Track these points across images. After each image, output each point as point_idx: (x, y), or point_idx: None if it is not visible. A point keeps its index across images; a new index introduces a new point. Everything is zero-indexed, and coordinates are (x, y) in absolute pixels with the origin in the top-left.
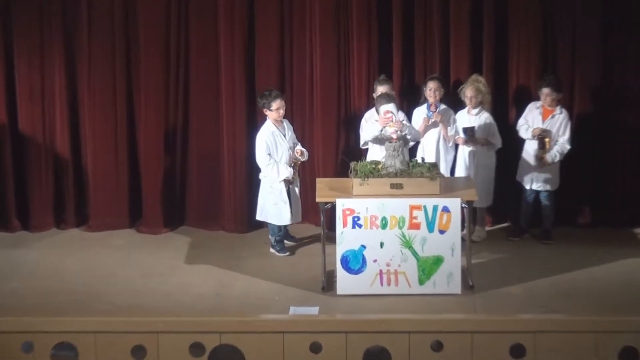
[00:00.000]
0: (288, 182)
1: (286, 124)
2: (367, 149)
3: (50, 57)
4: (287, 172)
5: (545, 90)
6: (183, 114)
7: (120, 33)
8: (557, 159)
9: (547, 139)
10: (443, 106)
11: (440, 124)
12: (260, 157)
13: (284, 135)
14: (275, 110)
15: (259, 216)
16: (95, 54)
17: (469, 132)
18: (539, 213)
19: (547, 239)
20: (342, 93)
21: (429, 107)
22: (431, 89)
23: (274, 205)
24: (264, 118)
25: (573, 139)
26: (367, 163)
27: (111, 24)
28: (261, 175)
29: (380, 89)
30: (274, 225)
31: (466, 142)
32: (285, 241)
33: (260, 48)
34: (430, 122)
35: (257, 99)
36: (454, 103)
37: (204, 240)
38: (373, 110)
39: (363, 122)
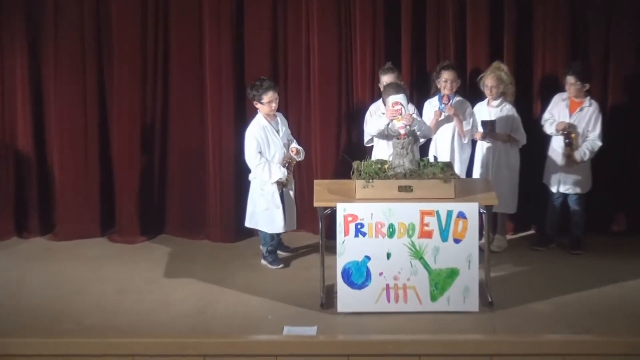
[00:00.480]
0: (281, 185)
1: (280, 118)
2: (372, 146)
3: (11, 42)
4: (281, 172)
5: (570, 79)
6: (162, 107)
7: (91, 17)
8: (587, 157)
9: (573, 135)
10: (458, 98)
11: (455, 118)
12: (250, 156)
13: (277, 131)
14: (267, 103)
15: (249, 223)
16: (63, 42)
17: (489, 126)
18: (567, 219)
19: (577, 248)
20: (344, 83)
21: (440, 99)
22: (447, 80)
23: (265, 211)
24: (254, 112)
25: (605, 135)
26: (371, 162)
27: (80, 8)
28: (251, 177)
29: (385, 79)
30: (266, 233)
31: (485, 138)
32: (279, 252)
33: (250, 32)
34: (442, 117)
35: (247, 90)
36: (472, 94)
37: (186, 250)
38: (379, 102)
39: (368, 115)
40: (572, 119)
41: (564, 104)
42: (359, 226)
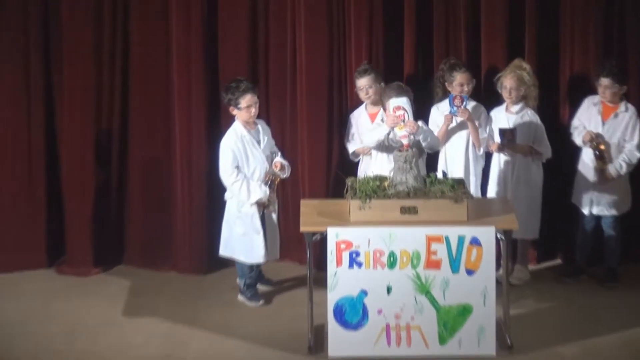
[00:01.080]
0: (262, 206)
1: (261, 126)
2: (359, 161)
3: None
4: (261, 191)
5: (604, 82)
6: (120, 114)
7: (37, 10)
8: (624, 171)
9: (602, 146)
10: (472, 102)
11: (469, 124)
12: (225, 172)
13: (258, 142)
14: (245, 108)
15: (224, 251)
16: (3, 41)
17: (507, 135)
18: (601, 246)
19: (612, 280)
20: (335, 87)
21: (452, 101)
22: (462, 84)
23: (243, 237)
24: (230, 119)
25: None
26: (369, 179)
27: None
28: (227, 196)
29: (362, 83)
30: (244, 263)
31: (503, 149)
32: (259, 285)
33: (225, 25)
34: (454, 123)
35: (222, 93)
36: (487, 99)
37: (149, 284)
38: (361, 109)
39: (349, 126)
40: (605, 126)
41: (596, 109)
42: (354, 255)
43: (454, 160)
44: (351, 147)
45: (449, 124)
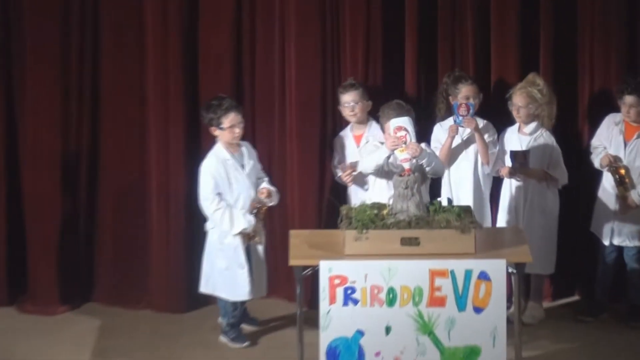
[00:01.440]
0: (247, 237)
1: (246, 149)
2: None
3: None
4: (246, 221)
5: (629, 100)
6: (90, 135)
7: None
8: None
9: (622, 171)
10: (481, 121)
11: (477, 137)
12: (206, 199)
13: (242, 166)
14: (228, 128)
15: (205, 287)
16: None
17: (519, 157)
18: (624, 281)
19: (637, 319)
20: (329, 104)
21: (457, 110)
22: (468, 97)
23: (225, 271)
24: (212, 141)
25: None
26: (365, 207)
27: None
28: (208, 226)
29: (347, 99)
30: (227, 301)
31: (514, 174)
32: (244, 325)
33: (207, 36)
34: (458, 137)
35: (202, 112)
36: (498, 120)
37: (121, 323)
38: (347, 131)
39: (335, 147)
40: (628, 148)
41: (617, 128)
42: (349, 291)
43: (460, 183)
44: (337, 174)
45: (454, 135)
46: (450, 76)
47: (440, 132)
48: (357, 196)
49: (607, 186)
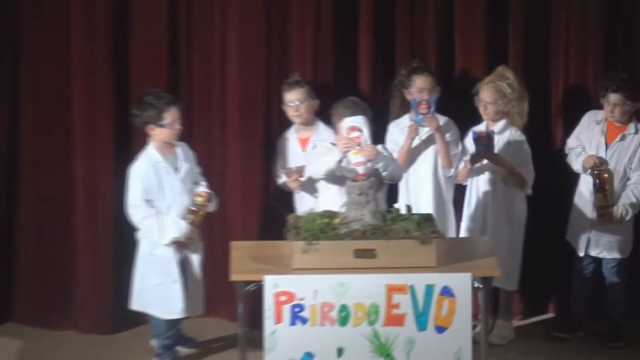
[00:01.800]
0: (181, 248)
1: (182, 151)
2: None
3: None
4: (177, 228)
5: (614, 98)
6: (8, 137)
7: None
8: (630, 213)
9: (606, 175)
10: (442, 118)
11: (437, 137)
12: (132, 207)
13: (176, 170)
14: (169, 125)
15: (135, 304)
16: None
17: (483, 139)
18: (602, 296)
19: (616, 339)
20: (275, 101)
21: (416, 107)
22: (421, 90)
23: (157, 287)
24: (145, 143)
25: None
26: (315, 216)
27: None
28: (139, 236)
29: (291, 97)
30: (159, 319)
31: (478, 160)
32: (180, 347)
33: (138, 26)
34: (417, 138)
35: (134, 111)
36: (463, 118)
37: (43, 346)
38: (292, 131)
39: (278, 150)
40: (609, 151)
41: (599, 128)
42: (297, 309)
43: (419, 187)
44: (281, 179)
45: (414, 136)
46: (407, 67)
47: (396, 131)
48: (305, 203)
49: (585, 191)
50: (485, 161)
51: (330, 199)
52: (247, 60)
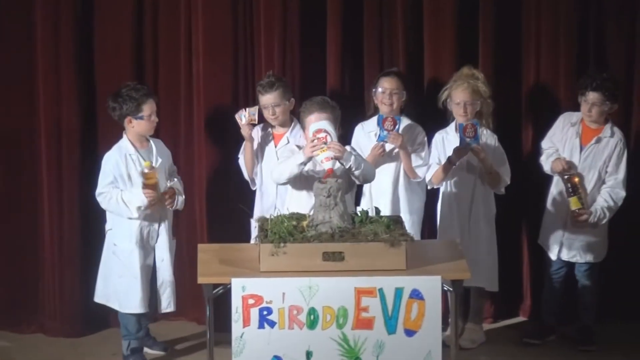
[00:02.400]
0: (151, 216)
1: (156, 146)
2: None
3: None
4: (138, 197)
5: (593, 97)
6: None
7: None
8: (607, 215)
9: (576, 179)
10: (406, 121)
11: (401, 152)
12: (100, 195)
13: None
14: (147, 117)
15: (98, 297)
16: None
17: (469, 131)
18: (574, 300)
19: (588, 342)
20: (242, 98)
21: (381, 123)
22: (385, 92)
23: (118, 280)
24: (110, 140)
25: (630, 181)
26: (283, 218)
27: None
28: (106, 228)
29: (268, 100)
30: (129, 318)
31: (464, 153)
32: (147, 350)
33: (103, 22)
34: (384, 151)
35: (111, 104)
36: (428, 119)
37: (9, 350)
38: (258, 129)
39: (252, 140)
40: (583, 153)
41: (574, 130)
42: (265, 312)
43: (380, 196)
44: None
45: (379, 153)
46: (379, 75)
47: (361, 133)
48: (264, 202)
49: (557, 194)
50: (459, 162)
51: (298, 200)
52: (213, 57)
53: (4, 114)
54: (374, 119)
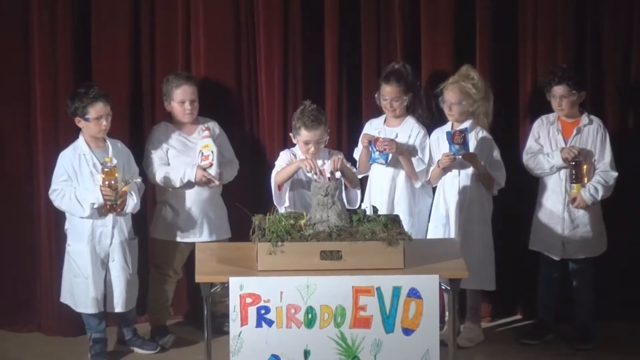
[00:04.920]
0: (108, 212)
1: (112, 145)
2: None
3: None
4: (93, 194)
5: (559, 90)
6: None
7: None
8: (600, 194)
9: (586, 167)
10: (411, 121)
11: (400, 158)
12: (54, 191)
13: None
14: (94, 120)
15: (62, 297)
16: None
17: (457, 138)
18: (570, 298)
19: (585, 341)
20: (245, 99)
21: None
22: (386, 100)
23: (72, 280)
24: (117, 138)
25: (630, 179)
26: (281, 217)
27: None
28: (65, 226)
29: (312, 136)
30: (86, 314)
31: (452, 160)
32: (137, 350)
33: (101, 24)
34: (454, 159)
35: (67, 101)
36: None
37: (6, 349)
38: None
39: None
40: (568, 146)
41: (554, 127)
42: (263, 311)
43: (381, 192)
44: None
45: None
46: (381, 77)
47: (369, 129)
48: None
49: (551, 193)
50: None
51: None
52: (211, 60)
53: (0, 114)
54: (382, 117)
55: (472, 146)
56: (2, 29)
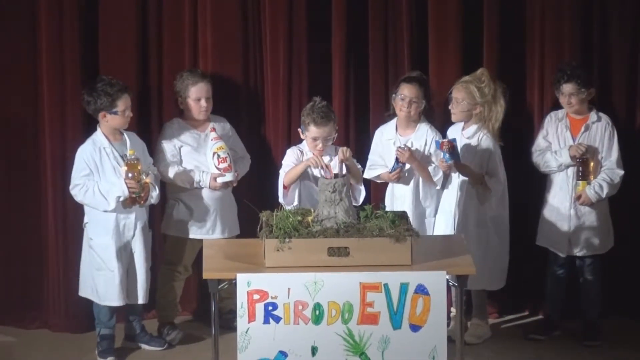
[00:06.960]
0: (133, 202)
1: (129, 138)
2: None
3: None
4: (119, 188)
5: (568, 88)
6: None
7: None
8: (605, 192)
9: (592, 163)
10: (425, 127)
11: (414, 165)
12: (74, 187)
13: (123, 157)
14: (121, 112)
15: (82, 291)
16: None
17: (447, 148)
18: (577, 295)
19: (592, 338)
20: (252, 95)
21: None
22: (405, 99)
23: (96, 272)
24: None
25: (636, 178)
26: (288, 213)
27: None
28: (85, 221)
29: (321, 132)
30: (100, 308)
31: (448, 167)
32: (145, 346)
33: (108, 20)
34: (396, 176)
35: (86, 98)
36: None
37: (14, 346)
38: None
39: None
40: (576, 143)
41: (563, 124)
42: (270, 307)
43: (401, 191)
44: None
45: (393, 179)
46: (399, 80)
47: (381, 141)
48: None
49: (558, 190)
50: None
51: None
52: (220, 59)
53: (8, 111)
54: (392, 122)
55: (470, 150)
56: (10, 21)
